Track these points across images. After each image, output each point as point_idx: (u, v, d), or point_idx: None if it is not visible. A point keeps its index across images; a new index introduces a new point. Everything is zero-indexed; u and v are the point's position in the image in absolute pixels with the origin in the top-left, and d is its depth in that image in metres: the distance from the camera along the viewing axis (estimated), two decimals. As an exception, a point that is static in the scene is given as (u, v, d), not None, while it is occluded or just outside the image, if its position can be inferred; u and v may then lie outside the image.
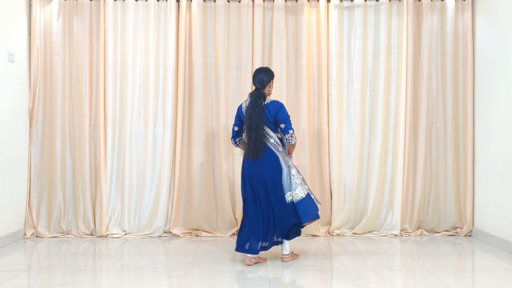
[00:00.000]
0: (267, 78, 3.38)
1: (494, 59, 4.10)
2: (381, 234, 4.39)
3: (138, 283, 2.96)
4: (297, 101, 4.46)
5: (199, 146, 4.41)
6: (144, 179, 4.39)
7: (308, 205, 3.28)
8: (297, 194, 3.27)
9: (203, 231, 4.40)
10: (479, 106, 4.35)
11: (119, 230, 4.38)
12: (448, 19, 4.46)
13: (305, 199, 3.28)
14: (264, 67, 3.49)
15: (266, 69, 3.44)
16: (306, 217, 3.26)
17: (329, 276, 3.14)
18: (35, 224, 4.32)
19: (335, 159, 4.42)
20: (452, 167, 4.45)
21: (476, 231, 4.33)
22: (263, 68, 3.47)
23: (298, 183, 3.30)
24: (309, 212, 3.27)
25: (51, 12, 4.38)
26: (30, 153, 4.35)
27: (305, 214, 3.26)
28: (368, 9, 4.46)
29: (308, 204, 3.29)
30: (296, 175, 3.32)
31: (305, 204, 3.27)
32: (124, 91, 4.40)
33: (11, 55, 4.08)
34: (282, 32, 4.42)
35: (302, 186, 3.31)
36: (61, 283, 2.95)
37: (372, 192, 4.42)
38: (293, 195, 3.28)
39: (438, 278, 3.02)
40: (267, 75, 3.39)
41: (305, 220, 3.26)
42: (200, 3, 4.41)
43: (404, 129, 4.39)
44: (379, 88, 4.44)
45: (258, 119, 3.25)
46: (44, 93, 4.37)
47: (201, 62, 4.41)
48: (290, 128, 3.28)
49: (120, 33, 4.40)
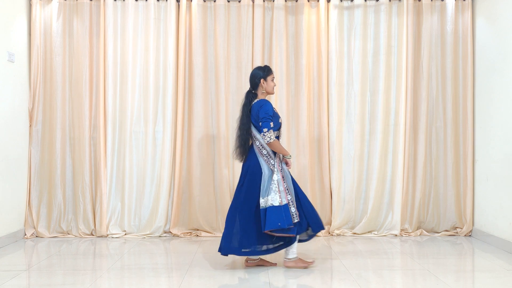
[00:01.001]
0: (255, 78, 3.27)
1: (494, 59, 4.10)
2: (381, 234, 4.39)
3: (138, 283, 2.96)
4: (297, 101, 4.46)
5: (199, 146, 4.41)
6: (144, 179, 4.39)
7: (278, 214, 3.00)
8: (269, 200, 3.05)
9: (203, 231, 4.40)
10: (479, 106, 4.35)
11: (119, 230, 4.38)
12: (448, 19, 4.46)
13: (278, 207, 3.01)
14: (256, 67, 3.38)
15: (255, 69, 3.32)
16: (268, 225, 2.99)
17: (329, 276, 3.14)
18: (35, 224, 4.32)
19: (335, 159, 4.42)
20: (452, 167, 4.45)
21: (476, 231, 4.33)
22: (254, 68, 3.38)
23: (276, 190, 3.06)
24: (274, 222, 2.98)
25: (51, 12, 4.38)
26: (30, 153, 4.35)
27: (269, 222, 2.99)
28: (368, 9, 4.46)
29: (279, 214, 3.00)
30: (278, 182, 3.09)
31: (275, 213, 3.00)
32: (124, 91, 4.40)
33: (11, 55, 4.08)
34: (282, 32, 4.43)
35: (281, 194, 3.05)
36: (61, 283, 2.95)
37: (372, 192, 4.42)
38: (266, 200, 3.06)
39: (438, 278, 3.02)
40: (254, 75, 3.28)
41: (264, 227, 3.01)
42: (200, 3, 4.42)
43: (404, 129, 4.39)
44: (379, 88, 4.44)
45: (244, 121, 3.22)
46: (44, 93, 4.37)
47: (201, 62, 4.41)
48: (266, 126, 3.09)
49: (120, 33, 4.40)
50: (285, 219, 3.01)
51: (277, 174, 3.12)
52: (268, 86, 3.28)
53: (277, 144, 3.15)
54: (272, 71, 3.33)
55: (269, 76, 3.28)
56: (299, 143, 4.43)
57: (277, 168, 3.14)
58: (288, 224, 3.01)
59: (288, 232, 3.05)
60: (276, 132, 3.23)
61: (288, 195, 3.10)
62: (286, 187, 3.13)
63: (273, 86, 3.31)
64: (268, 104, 3.19)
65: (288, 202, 3.08)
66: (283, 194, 3.08)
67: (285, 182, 3.14)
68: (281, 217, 3.00)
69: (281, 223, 2.99)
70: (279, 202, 3.04)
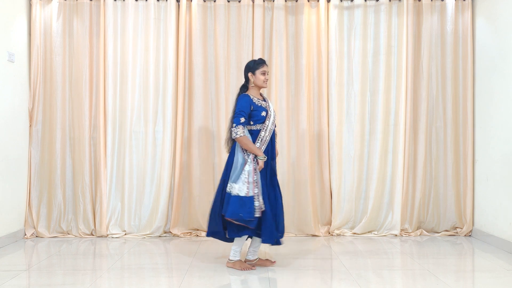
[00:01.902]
0: (245, 71, 3.29)
1: (494, 59, 4.10)
2: (381, 234, 4.39)
3: (138, 283, 2.96)
4: (297, 101, 4.46)
5: (199, 146, 4.41)
6: (144, 179, 4.39)
7: (241, 205, 3.00)
8: (235, 188, 3.03)
9: (203, 231, 4.40)
10: (479, 106, 4.35)
11: (119, 230, 4.37)
12: (448, 19, 4.46)
13: (243, 198, 3.01)
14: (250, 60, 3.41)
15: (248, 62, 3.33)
16: (230, 214, 3.00)
17: (329, 276, 3.14)
18: (35, 224, 4.32)
19: (335, 159, 4.42)
20: (452, 167, 4.45)
21: (476, 231, 4.33)
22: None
23: (245, 181, 3.04)
24: (235, 212, 2.99)
25: (51, 12, 4.38)
26: (30, 153, 4.35)
27: (231, 210, 3.00)
28: (368, 9, 4.46)
29: (243, 205, 3.00)
30: (249, 173, 3.06)
31: (239, 203, 3.00)
32: (124, 91, 4.40)
33: (11, 55, 4.08)
34: (282, 32, 4.43)
35: (249, 185, 3.03)
36: (61, 283, 2.95)
37: (372, 192, 4.42)
38: (232, 186, 3.06)
39: (438, 278, 3.02)
40: (245, 68, 3.30)
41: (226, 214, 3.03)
42: (200, 3, 4.42)
43: (404, 129, 4.39)
44: (379, 88, 4.44)
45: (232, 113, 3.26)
46: (44, 93, 4.37)
47: (201, 62, 4.41)
48: (235, 121, 3.10)
49: (120, 33, 4.40)
50: (247, 211, 3.00)
51: (249, 165, 3.09)
52: (257, 79, 3.24)
53: (244, 141, 3.09)
54: (264, 64, 3.26)
55: (258, 70, 3.23)
56: (299, 143, 4.43)
57: (251, 159, 3.11)
58: (249, 216, 3.00)
59: (248, 224, 3.03)
60: (260, 125, 3.19)
61: (256, 188, 3.07)
62: (256, 179, 3.09)
63: (263, 80, 3.24)
64: (244, 99, 3.18)
65: (254, 195, 3.05)
66: (251, 186, 3.05)
67: (256, 175, 3.10)
68: (245, 208, 3.00)
69: (243, 215, 2.99)
70: (245, 193, 3.02)
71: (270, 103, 3.35)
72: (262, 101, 3.29)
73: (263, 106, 3.24)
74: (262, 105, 3.24)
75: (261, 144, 3.17)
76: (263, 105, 3.26)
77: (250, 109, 3.17)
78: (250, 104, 3.18)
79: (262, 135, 3.18)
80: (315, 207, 4.43)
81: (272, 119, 3.25)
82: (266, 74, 3.27)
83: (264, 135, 3.19)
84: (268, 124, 3.22)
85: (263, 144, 3.18)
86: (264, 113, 3.21)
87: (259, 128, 3.20)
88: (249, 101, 3.18)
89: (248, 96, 3.21)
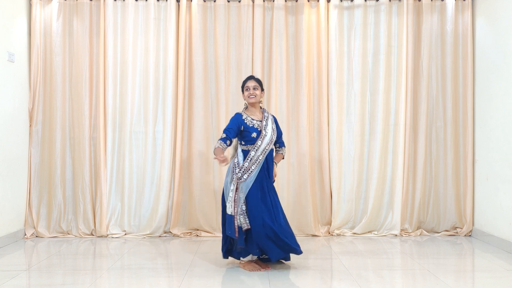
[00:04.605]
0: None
1: (494, 59, 4.10)
2: (381, 234, 4.39)
3: (138, 283, 2.96)
4: (297, 101, 4.46)
5: (199, 146, 4.41)
6: (144, 179, 4.39)
7: (229, 223, 3.14)
8: (228, 207, 3.17)
9: (203, 231, 4.40)
10: (479, 106, 4.35)
11: (119, 230, 4.37)
12: (448, 19, 4.46)
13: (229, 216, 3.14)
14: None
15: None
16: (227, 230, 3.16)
17: (329, 276, 3.14)
18: (35, 224, 4.32)
19: (335, 159, 4.42)
20: (452, 167, 4.45)
21: (476, 231, 4.33)
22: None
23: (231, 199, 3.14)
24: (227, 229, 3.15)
25: (51, 12, 4.38)
26: (30, 153, 4.35)
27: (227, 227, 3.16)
28: (368, 9, 4.46)
29: (229, 223, 3.13)
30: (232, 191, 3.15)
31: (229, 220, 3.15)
32: (124, 91, 4.40)
33: (11, 55, 4.08)
34: (282, 32, 4.43)
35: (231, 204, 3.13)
36: (61, 283, 2.95)
37: (372, 192, 4.42)
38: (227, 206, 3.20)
39: (438, 278, 3.02)
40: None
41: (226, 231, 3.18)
42: (200, 3, 4.42)
43: (404, 129, 4.39)
44: (379, 88, 4.44)
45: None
46: (44, 93, 4.37)
47: (201, 62, 4.41)
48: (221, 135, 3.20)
49: (120, 33, 4.40)
50: (232, 229, 3.13)
51: (233, 184, 3.17)
52: (244, 97, 3.37)
53: (216, 150, 3.10)
54: (249, 80, 3.34)
55: (244, 87, 3.35)
56: (299, 143, 4.43)
57: (235, 179, 3.16)
58: (231, 234, 3.12)
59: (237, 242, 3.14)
60: (250, 146, 3.20)
61: (236, 207, 3.14)
62: (236, 198, 3.15)
63: (248, 95, 3.30)
64: (234, 117, 3.27)
65: (233, 214, 3.13)
66: (232, 204, 3.14)
67: (237, 194, 3.15)
68: (230, 226, 3.14)
69: (229, 232, 3.14)
70: (231, 212, 3.14)
71: (269, 122, 3.30)
72: (257, 121, 3.27)
73: (255, 127, 3.24)
74: (254, 126, 3.24)
75: (250, 164, 3.17)
76: (257, 125, 3.25)
77: (239, 128, 3.22)
78: (238, 123, 3.23)
79: (251, 155, 3.18)
80: (315, 207, 4.43)
81: (267, 139, 3.22)
82: (251, 89, 3.30)
83: (255, 155, 3.19)
84: (261, 144, 3.20)
85: (253, 164, 3.17)
86: (255, 134, 3.22)
87: (249, 149, 3.22)
88: (238, 120, 3.24)
89: (239, 115, 3.28)
